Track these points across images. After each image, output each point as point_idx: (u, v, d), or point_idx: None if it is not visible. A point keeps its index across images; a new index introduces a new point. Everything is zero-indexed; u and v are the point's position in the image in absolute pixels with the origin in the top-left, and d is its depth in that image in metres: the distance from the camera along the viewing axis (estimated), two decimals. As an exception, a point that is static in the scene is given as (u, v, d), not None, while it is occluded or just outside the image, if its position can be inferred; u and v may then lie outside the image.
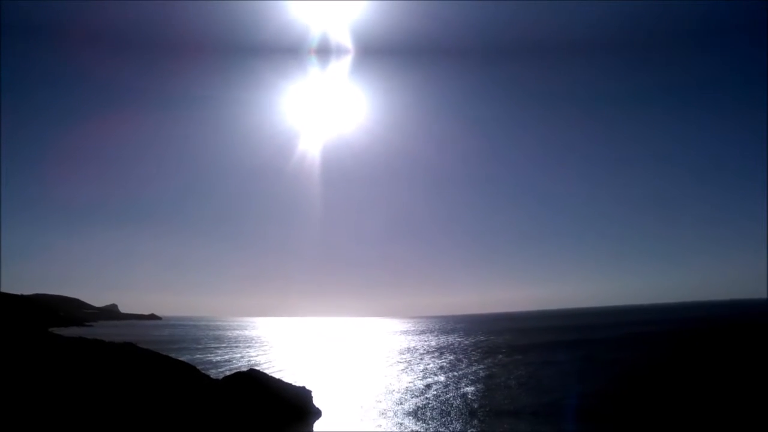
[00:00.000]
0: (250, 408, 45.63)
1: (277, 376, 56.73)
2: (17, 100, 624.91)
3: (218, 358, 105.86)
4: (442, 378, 76.09)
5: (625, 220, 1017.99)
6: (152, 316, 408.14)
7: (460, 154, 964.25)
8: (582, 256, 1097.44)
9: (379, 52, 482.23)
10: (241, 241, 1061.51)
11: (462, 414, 50.93)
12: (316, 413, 48.81)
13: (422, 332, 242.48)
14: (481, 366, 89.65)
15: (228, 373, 63.25)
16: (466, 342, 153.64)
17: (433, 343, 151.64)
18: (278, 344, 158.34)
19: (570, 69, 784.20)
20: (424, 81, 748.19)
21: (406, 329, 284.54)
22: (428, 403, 56.33)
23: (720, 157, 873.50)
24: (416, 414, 50.93)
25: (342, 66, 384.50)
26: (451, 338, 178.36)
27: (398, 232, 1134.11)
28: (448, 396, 60.69)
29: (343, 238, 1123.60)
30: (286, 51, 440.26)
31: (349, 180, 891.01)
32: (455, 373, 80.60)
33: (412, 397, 59.98)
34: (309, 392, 50.42)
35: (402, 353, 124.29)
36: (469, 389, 64.62)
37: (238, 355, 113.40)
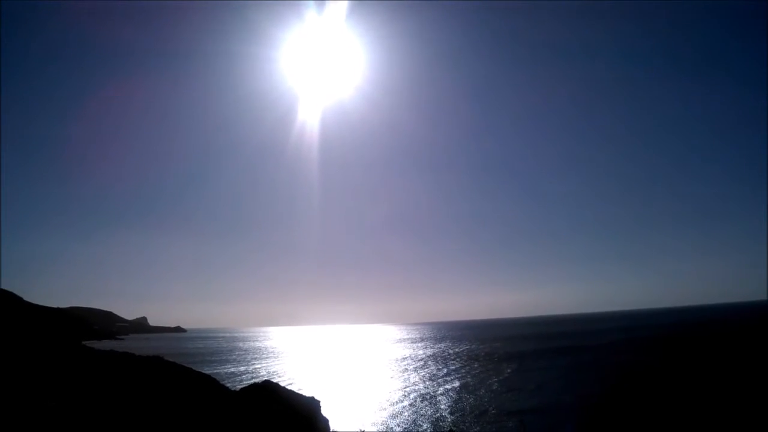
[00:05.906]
0: (264, 418, 45.28)
1: (288, 386, 59.07)
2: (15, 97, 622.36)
3: (235, 369, 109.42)
4: (443, 385, 77.38)
5: (615, 223, 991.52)
6: (178, 329, 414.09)
7: (455, 128, 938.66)
8: (570, 261, 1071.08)
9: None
10: (248, 244, 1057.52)
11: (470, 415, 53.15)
12: (324, 423, 49.33)
13: (417, 340, 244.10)
14: (478, 372, 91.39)
15: (245, 384, 66.41)
16: (457, 350, 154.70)
17: (428, 352, 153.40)
18: (288, 355, 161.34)
19: (571, 23, 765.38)
20: (420, 29, 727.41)
21: (403, 337, 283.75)
22: (432, 408, 58.36)
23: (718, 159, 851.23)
24: (415, 420, 52.94)
25: (339, 11, 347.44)
26: (443, 346, 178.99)
27: (394, 230, 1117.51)
28: (454, 400, 62.83)
29: (342, 237, 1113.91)
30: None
31: (347, 166, 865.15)
32: (468, 379, 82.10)
33: (412, 404, 62.24)
34: (317, 402, 49.14)
35: (400, 361, 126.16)
36: (472, 394, 66.79)
37: (253, 367, 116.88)
